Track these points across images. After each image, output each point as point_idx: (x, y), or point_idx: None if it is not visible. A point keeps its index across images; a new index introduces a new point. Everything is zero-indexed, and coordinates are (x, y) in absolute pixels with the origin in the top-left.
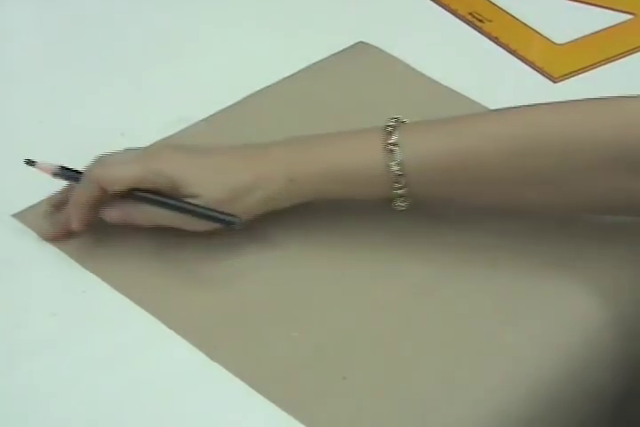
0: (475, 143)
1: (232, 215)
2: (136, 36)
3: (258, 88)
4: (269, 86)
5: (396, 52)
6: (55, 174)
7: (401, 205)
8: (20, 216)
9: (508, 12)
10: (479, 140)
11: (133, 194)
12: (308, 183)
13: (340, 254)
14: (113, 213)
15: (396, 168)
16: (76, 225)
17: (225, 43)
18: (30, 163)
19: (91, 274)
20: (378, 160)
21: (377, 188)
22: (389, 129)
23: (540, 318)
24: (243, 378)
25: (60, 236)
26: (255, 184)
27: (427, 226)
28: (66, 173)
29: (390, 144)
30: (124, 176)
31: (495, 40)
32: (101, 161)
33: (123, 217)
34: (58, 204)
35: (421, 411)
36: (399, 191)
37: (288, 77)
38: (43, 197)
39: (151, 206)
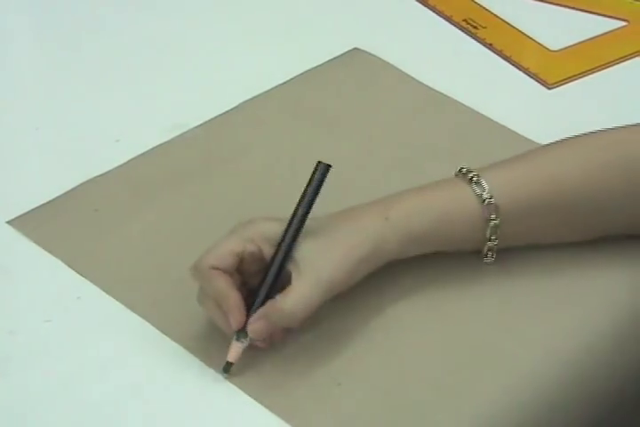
0: (558, 170)
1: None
2: (131, 43)
3: (253, 94)
4: (264, 93)
5: (390, 59)
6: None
7: (491, 257)
8: (15, 223)
9: (502, 19)
10: (561, 166)
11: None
12: (401, 218)
13: None
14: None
15: (494, 222)
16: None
17: (220, 49)
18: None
19: (85, 280)
20: (476, 212)
21: (471, 235)
22: (475, 179)
23: (538, 326)
24: (238, 384)
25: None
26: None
27: None
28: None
29: (488, 198)
30: (225, 250)
31: (489, 46)
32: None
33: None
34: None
35: (416, 418)
36: (492, 244)
37: (283, 84)
38: (37, 204)
39: None
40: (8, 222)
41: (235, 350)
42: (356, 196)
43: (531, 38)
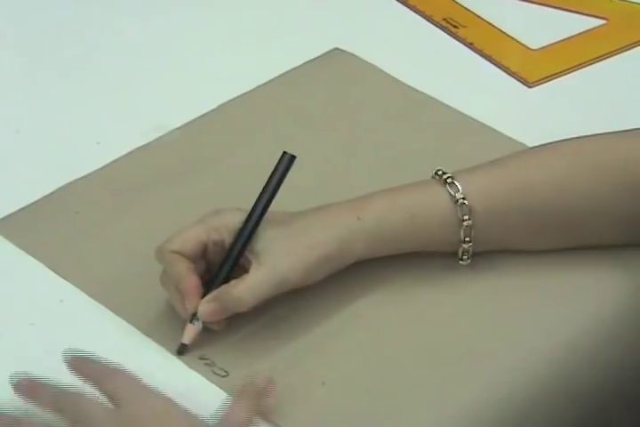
0: (531, 177)
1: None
2: (111, 46)
3: (234, 95)
4: (245, 94)
5: (371, 59)
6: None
7: (467, 260)
8: None
9: (482, 18)
10: (534, 173)
11: None
12: (373, 217)
13: None
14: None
15: (467, 222)
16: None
17: (200, 50)
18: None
19: (68, 283)
20: (449, 213)
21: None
22: (449, 180)
23: (520, 324)
24: (221, 385)
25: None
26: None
27: None
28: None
29: (461, 198)
30: (188, 237)
31: (470, 46)
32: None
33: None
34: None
35: (400, 416)
36: (467, 246)
37: (264, 84)
38: (18, 207)
39: None
40: None
41: (189, 333)
42: (338, 197)
43: (511, 37)
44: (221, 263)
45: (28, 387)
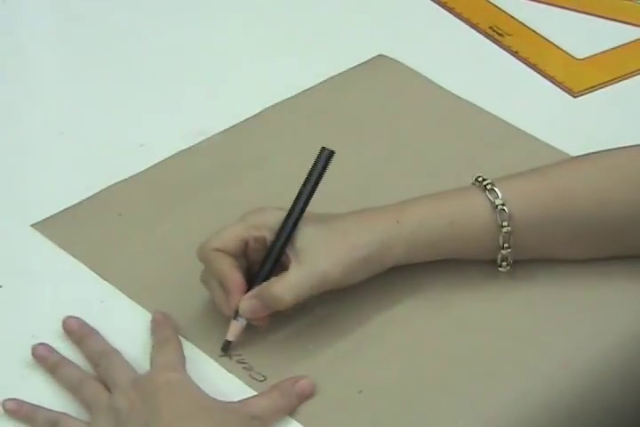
0: (570, 186)
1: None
2: (156, 49)
3: (276, 101)
4: (288, 99)
5: (415, 66)
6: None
7: (506, 266)
8: (39, 227)
9: (528, 27)
10: (573, 183)
11: None
12: (413, 222)
13: None
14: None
15: (506, 229)
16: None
17: (244, 55)
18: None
19: (109, 285)
20: (488, 219)
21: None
22: (489, 187)
23: (554, 334)
24: (258, 390)
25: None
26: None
27: None
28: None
29: (500, 204)
30: (230, 234)
31: (515, 54)
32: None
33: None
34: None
35: (437, 425)
36: (505, 252)
37: (307, 90)
38: (61, 208)
39: None
40: (32, 226)
41: (233, 329)
42: (378, 202)
43: (556, 46)
44: (263, 260)
45: (78, 331)
